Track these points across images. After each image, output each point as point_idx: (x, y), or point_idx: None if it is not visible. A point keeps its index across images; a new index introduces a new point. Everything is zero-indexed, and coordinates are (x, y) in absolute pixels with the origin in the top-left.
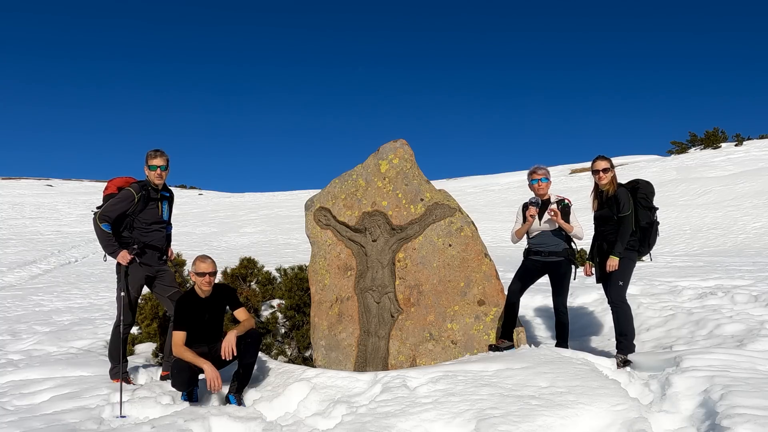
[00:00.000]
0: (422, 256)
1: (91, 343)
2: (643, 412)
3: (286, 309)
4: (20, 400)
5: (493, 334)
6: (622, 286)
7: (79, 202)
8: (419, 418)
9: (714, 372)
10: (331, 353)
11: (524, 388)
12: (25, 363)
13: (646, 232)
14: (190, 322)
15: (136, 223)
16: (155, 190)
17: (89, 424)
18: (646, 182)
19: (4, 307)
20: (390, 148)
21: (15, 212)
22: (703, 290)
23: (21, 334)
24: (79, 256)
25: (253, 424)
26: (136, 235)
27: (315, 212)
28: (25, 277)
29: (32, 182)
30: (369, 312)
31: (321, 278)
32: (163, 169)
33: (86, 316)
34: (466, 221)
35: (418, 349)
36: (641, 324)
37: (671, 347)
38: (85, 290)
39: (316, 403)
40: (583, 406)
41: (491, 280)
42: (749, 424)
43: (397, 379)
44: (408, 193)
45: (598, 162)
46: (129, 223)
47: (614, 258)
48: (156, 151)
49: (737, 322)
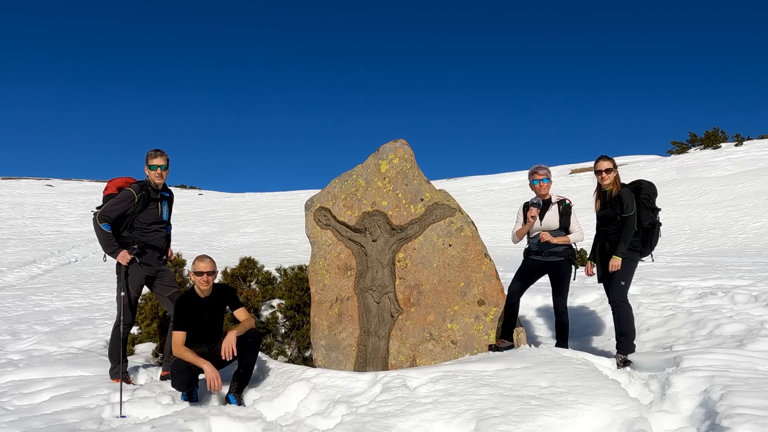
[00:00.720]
0: (422, 256)
1: (91, 343)
2: (643, 412)
3: (286, 309)
4: (20, 400)
5: (493, 334)
6: (624, 286)
7: (79, 202)
8: (419, 418)
9: (714, 372)
10: (331, 353)
11: (524, 388)
12: (25, 363)
13: (649, 232)
14: (189, 322)
15: (135, 224)
16: (155, 190)
17: (89, 424)
18: (649, 183)
19: (4, 307)
20: (390, 148)
21: (15, 212)
22: (703, 290)
23: (21, 334)
24: (79, 256)
25: (253, 424)
26: (136, 235)
27: (315, 212)
28: (25, 277)
29: (32, 182)
30: (369, 312)
31: (321, 278)
32: (163, 168)
33: (86, 316)
34: (466, 221)
35: (418, 349)
36: (641, 324)
37: (671, 347)
38: (85, 290)
39: (316, 403)
40: (583, 406)
41: (491, 280)
42: (749, 424)
43: (397, 379)
44: (408, 193)
45: (600, 162)
46: (129, 223)
47: (617, 258)
48: (156, 151)
49: (737, 322)
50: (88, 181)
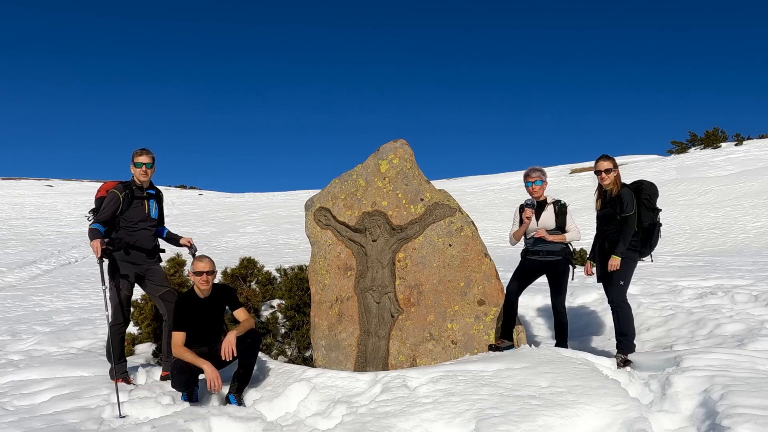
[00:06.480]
0: (422, 256)
1: (91, 343)
2: (644, 411)
3: (286, 309)
4: (20, 400)
5: (493, 334)
6: (623, 286)
7: (79, 203)
8: (419, 418)
9: (714, 372)
10: (331, 353)
11: (524, 388)
12: (26, 363)
13: (649, 233)
14: (189, 322)
15: (121, 222)
16: (140, 189)
17: (89, 424)
18: (651, 183)
19: (5, 307)
20: (390, 148)
21: (15, 212)
22: (703, 290)
23: (21, 335)
24: (79, 256)
25: (254, 424)
26: (122, 234)
27: (315, 212)
28: (25, 277)
29: (32, 182)
30: (369, 312)
31: (321, 278)
32: (148, 166)
33: (86, 316)
34: (466, 221)
35: (418, 349)
36: (641, 324)
37: (671, 347)
38: (85, 290)
39: (316, 403)
40: (583, 406)
41: (491, 280)
42: (749, 423)
43: (397, 379)
44: (408, 193)
45: (600, 162)
46: (115, 223)
47: (616, 258)
48: (142, 150)
49: (737, 321)
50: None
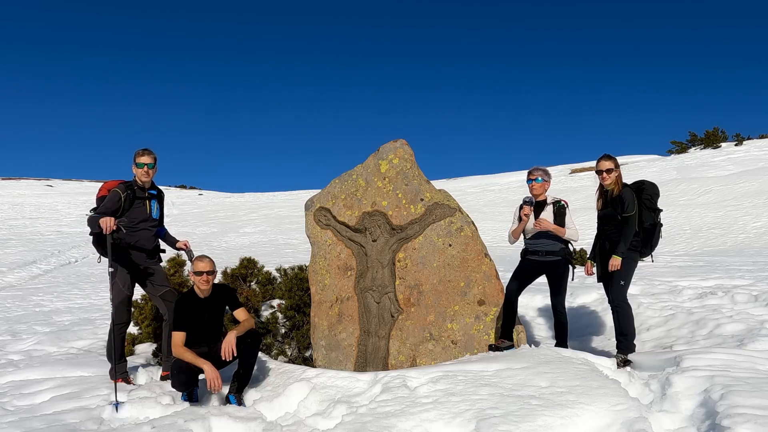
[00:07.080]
0: (422, 256)
1: (91, 343)
2: (644, 411)
3: (286, 309)
4: (20, 400)
5: (493, 334)
6: (624, 286)
7: (79, 203)
8: (419, 418)
9: (714, 372)
10: (331, 353)
11: (524, 388)
12: (26, 363)
13: (649, 233)
14: (189, 322)
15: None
16: (141, 189)
17: (89, 424)
18: (652, 183)
19: (5, 307)
20: (390, 148)
21: (15, 212)
22: (703, 290)
23: (21, 335)
24: (79, 256)
25: (254, 424)
26: (123, 235)
27: (315, 212)
28: (25, 277)
29: (32, 182)
30: (369, 312)
31: (321, 278)
32: (150, 167)
33: (86, 316)
34: (466, 221)
35: (418, 349)
36: (641, 324)
37: (671, 347)
38: (85, 290)
39: (316, 403)
40: (583, 406)
41: (491, 280)
42: (749, 423)
43: (397, 379)
44: (408, 193)
45: (602, 162)
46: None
47: (616, 258)
48: (144, 150)
49: (737, 321)
50: (88, 181)
